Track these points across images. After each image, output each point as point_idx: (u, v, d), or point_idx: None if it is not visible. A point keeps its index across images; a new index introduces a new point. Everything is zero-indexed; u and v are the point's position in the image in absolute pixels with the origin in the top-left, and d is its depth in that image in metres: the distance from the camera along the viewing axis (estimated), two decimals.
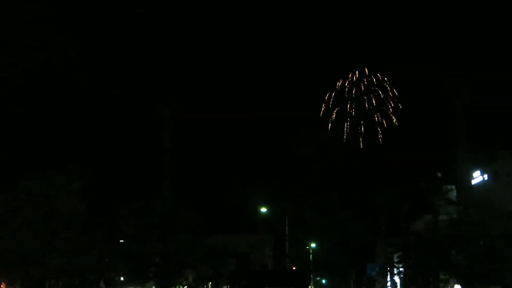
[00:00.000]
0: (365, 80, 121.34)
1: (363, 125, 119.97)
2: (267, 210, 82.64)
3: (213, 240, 61.45)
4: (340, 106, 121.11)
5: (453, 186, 76.43)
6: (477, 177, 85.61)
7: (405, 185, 72.77)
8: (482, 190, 78.21)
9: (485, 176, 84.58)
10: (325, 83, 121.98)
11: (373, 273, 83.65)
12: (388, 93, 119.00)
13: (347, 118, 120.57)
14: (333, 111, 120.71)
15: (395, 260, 65.70)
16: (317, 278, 78.43)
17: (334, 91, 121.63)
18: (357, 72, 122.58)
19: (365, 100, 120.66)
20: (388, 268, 73.99)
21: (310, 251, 71.35)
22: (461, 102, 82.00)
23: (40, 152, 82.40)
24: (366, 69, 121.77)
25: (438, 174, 73.47)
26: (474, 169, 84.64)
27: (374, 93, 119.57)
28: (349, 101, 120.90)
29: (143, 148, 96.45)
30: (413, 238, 60.26)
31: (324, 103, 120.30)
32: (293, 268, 75.97)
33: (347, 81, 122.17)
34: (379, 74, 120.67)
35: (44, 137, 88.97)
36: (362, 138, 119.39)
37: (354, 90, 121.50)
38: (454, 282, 60.43)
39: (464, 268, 53.93)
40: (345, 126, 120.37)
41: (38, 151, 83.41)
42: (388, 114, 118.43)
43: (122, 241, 59.56)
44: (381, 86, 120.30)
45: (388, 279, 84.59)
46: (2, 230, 51.10)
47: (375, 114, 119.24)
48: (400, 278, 73.22)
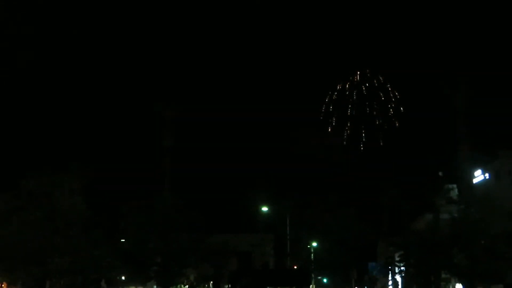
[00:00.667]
0: (366, 83, 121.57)
1: (364, 126, 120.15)
2: (268, 209, 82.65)
3: (214, 240, 61.22)
4: (341, 105, 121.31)
5: (455, 185, 76.05)
6: (479, 176, 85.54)
7: (407, 184, 72.69)
8: (484, 189, 77.98)
9: (487, 175, 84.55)
10: (326, 83, 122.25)
11: (375, 272, 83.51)
12: (389, 94, 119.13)
13: (348, 117, 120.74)
14: (334, 110, 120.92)
15: (397, 259, 65.53)
16: (319, 277, 78.46)
17: (336, 91, 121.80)
18: (358, 73, 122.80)
19: (366, 101, 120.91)
20: (390, 267, 73.80)
21: (311, 250, 71.22)
22: (462, 102, 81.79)
23: (41, 152, 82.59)
24: (367, 70, 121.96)
25: (440, 173, 73.28)
26: (476, 168, 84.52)
27: (375, 95, 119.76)
28: (351, 99, 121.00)
29: (144, 148, 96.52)
30: (415, 237, 60.13)
31: (326, 102, 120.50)
32: (294, 267, 75.95)
33: (347, 83, 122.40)
34: (380, 76, 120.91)
35: (45, 137, 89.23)
36: (363, 138, 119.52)
37: (355, 92, 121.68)
38: (456, 281, 60.40)
39: (466, 267, 53.80)
40: (346, 125, 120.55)
41: (39, 151, 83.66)
42: (389, 115, 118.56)
43: (123, 241, 59.55)
44: (382, 87, 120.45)
45: (390, 278, 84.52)
46: (3, 230, 51.07)
47: (376, 114, 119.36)
48: (402, 277, 73.14)
